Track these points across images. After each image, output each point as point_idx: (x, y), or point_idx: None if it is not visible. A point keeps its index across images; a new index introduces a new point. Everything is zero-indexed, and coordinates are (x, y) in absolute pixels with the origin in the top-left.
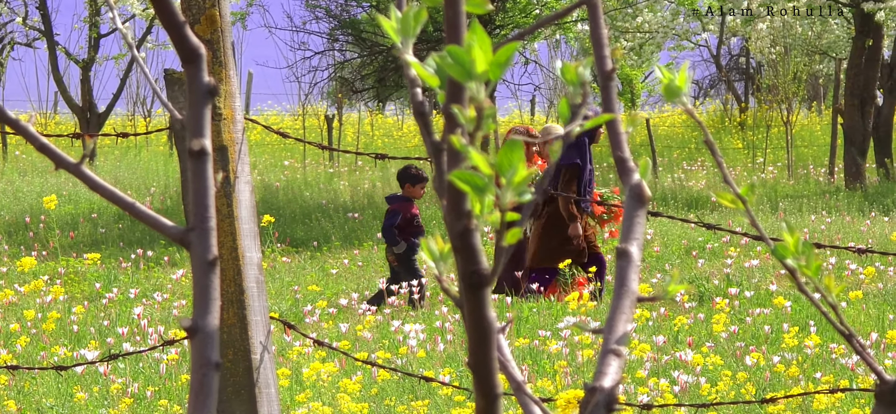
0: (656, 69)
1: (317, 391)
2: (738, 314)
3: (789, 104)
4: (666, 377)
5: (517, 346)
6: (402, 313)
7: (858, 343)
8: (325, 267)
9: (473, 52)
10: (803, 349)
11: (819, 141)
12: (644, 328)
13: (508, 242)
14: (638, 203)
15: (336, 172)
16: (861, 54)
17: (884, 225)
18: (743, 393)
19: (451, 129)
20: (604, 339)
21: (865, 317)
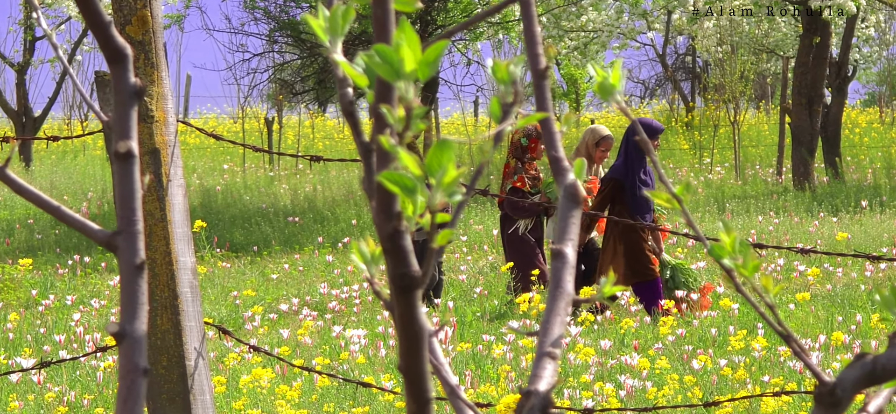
0: (590, 67)
1: (255, 398)
2: (685, 317)
3: (736, 103)
4: (612, 382)
5: (460, 350)
6: (344, 318)
7: (797, 345)
8: (266, 272)
9: (402, 51)
10: (751, 352)
11: (767, 141)
12: (589, 332)
13: (439, 243)
14: (573, 203)
15: (276, 176)
16: (809, 52)
17: (832, 225)
18: (689, 397)
19: (380, 129)
20: (539, 341)
21: (814, 319)
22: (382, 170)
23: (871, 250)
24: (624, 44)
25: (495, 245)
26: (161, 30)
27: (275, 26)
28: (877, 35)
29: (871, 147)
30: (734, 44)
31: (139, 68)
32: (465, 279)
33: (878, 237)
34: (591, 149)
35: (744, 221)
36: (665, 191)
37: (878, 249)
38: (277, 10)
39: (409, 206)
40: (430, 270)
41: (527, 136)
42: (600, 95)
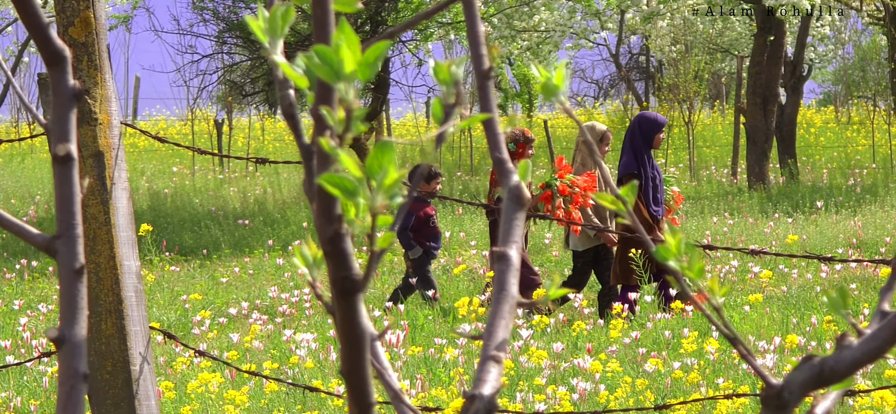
0: (534, 67)
1: (203, 403)
2: (639, 319)
3: (691, 103)
4: (565, 385)
5: (411, 354)
6: (295, 322)
7: (743, 347)
8: (215, 276)
9: (342, 51)
10: (704, 355)
11: (721, 141)
12: (542, 335)
13: (380, 246)
14: (517, 205)
15: (226, 179)
16: (763, 51)
17: (787, 226)
18: (642, 400)
19: (320, 131)
20: (483, 345)
21: (769, 321)
22: (323, 172)
23: (827, 251)
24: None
25: (448, 247)
26: (104, 31)
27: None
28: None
29: (826, 147)
30: (688, 43)
31: (82, 70)
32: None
33: (833, 238)
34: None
35: (698, 222)
36: (610, 192)
37: (834, 250)
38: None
39: (351, 208)
40: (372, 274)
41: (513, 141)
42: (544, 96)
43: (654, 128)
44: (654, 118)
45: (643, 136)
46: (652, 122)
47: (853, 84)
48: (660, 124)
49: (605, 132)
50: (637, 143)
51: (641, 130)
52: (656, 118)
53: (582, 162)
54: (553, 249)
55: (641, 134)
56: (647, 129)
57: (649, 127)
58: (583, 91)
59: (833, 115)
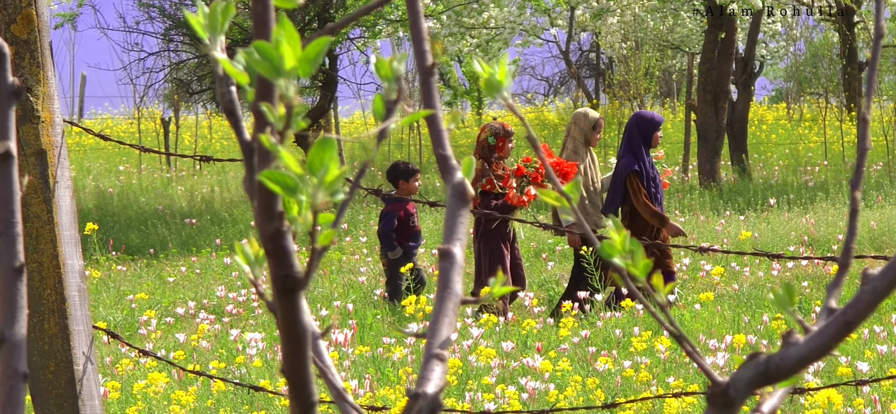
0: (476, 63)
1: (149, 403)
2: (589, 318)
3: (641, 101)
4: (514, 384)
5: (359, 353)
6: (242, 322)
7: (689, 345)
8: (162, 275)
9: (282, 47)
10: (656, 353)
11: (672, 138)
12: (492, 333)
13: (321, 243)
14: (461, 202)
15: (173, 177)
16: (714, 48)
17: (739, 224)
18: (592, 399)
19: (261, 128)
20: (427, 343)
21: (720, 319)
22: (263, 169)
23: (779, 249)
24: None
25: None
26: (47, 29)
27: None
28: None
29: (778, 144)
30: (639, 40)
31: (24, 68)
32: (366, 282)
33: (785, 235)
34: (588, 134)
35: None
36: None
37: (785, 247)
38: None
39: (293, 206)
40: (313, 272)
41: (494, 135)
42: (487, 92)
43: (651, 127)
44: (652, 117)
45: (641, 135)
46: (649, 122)
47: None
48: (657, 123)
49: (597, 120)
50: (635, 143)
51: (639, 130)
52: (653, 117)
53: (574, 149)
54: None
55: (639, 133)
56: (645, 128)
57: (647, 126)
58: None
59: (785, 112)
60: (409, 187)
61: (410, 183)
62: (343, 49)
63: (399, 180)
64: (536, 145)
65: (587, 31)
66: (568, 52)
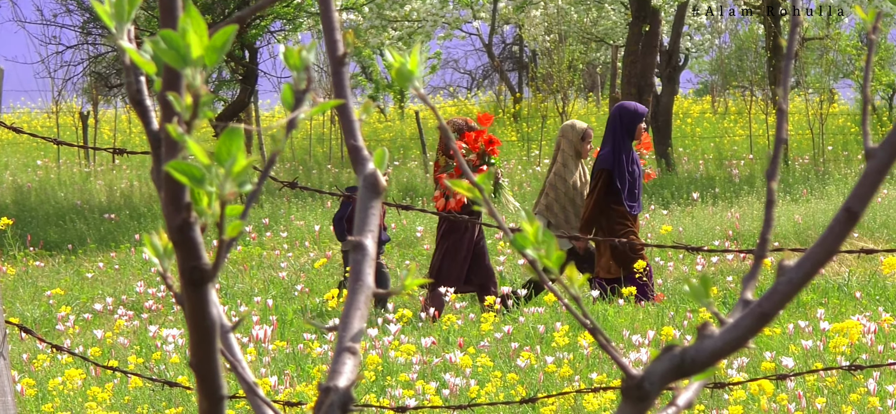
0: (387, 53)
1: (65, 401)
2: (512, 313)
3: (565, 94)
4: (436, 380)
5: (279, 349)
6: (161, 318)
7: (603, 337)
8: (81, 271)
9: (188, 36)
10: (579, 349)
11: (597, 132)
12: (413, 330)
13: (229, 235)
14: (372, 194)
15: (92, 172)
16: (638, 41)
17: (662, 218)
18: (512, 394)
19: (168, 117)
20: (339, 336)
21: (644, 314)
22: (171, 160)
23: (703, 243)
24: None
25: (318, 241)
26: None
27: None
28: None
29: (703, 138)
30: (562, 33)
31: None
32: (286, 277)
33: (710, 230)
34: (577, 145)
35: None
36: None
37: (710, 241)
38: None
39: (203, 197)
40: (221, 263)
41: (458, 131)
42: (398, 82)
43: (635, 119)
44: (635, 108)
45: (624, 127)
46: (633, 113)
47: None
48: (641, 114)
49: (585, 130)
50: (618, 135)
51: (622, 122)
52: (637, 108)
53: (563, 163)
54: (424, 242)
55: (622, 125)
56: (629, 120)
57: (631, 118)
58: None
59: (710, 105)
60: None
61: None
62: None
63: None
64: (447, 133)
65: (510, 24)
66: (491, 45)
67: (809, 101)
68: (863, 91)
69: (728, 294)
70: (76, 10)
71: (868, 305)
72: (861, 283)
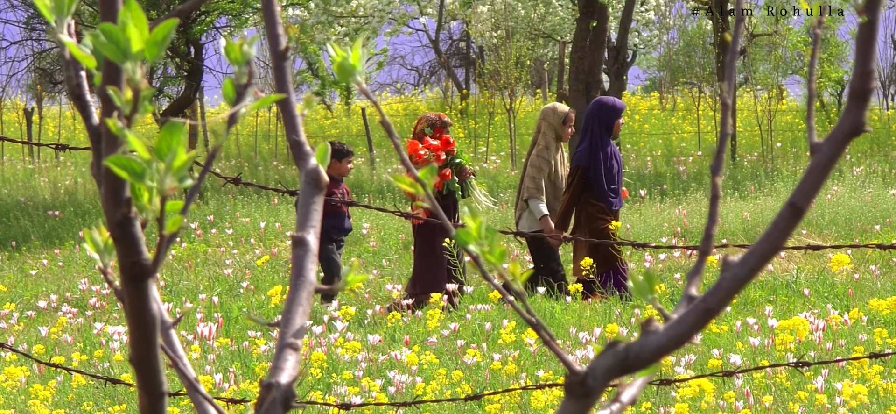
0: (329, 47)
1: (8, 398)
2: (458, 311)
3: (512, 90)
4: (381, 377)
5: (224, 346)
6: (106, 315)
7: (546, 333)
8: (25, 268)
9: (128, 30)
10: (525, 346)
11: None
12: (359, 327)
13: (170, 230)
14: (315, 189)
15: (36, 169)
16: (586, 36)
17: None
18: (458, 392)
19: (108, 112)
20: (280, 332)
21: (591, 311)
22: (111, 154)
23: (651, 240)
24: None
25: (263, 238)
26: None
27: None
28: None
29: (651, 134)
30: (509, 29)
31: None
32: (231, 274)
33: (657, 227)
34: (558, 129)
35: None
36: (409, 175)
37: (658, 238)
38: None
39: (144, 192)
40: (162, 258)
41: (431, 125)
42: (340, 77)
43: (613, 114)
44: (613, 104)
45: (602, 123)
46: (611, 109)
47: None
48: (619, 110)
49: (567, 113)
50: (595, 131)
51: (600, 117)
52: (615, 103)
53: (545, 145)
54: (370, 238)
55: (600, 121)
56: (607, 116)
57: (608, 114)
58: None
59: (658, 101)
60: (339, 168)
61: (341, 164)
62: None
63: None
64: (390, 131)
65: (457, 20)
66: (438, 41)
67: (758, 98)
68: (808, 86)
69: (675, 291)
70: (20, 6)
71: (816, 302)
72: (809, 280)
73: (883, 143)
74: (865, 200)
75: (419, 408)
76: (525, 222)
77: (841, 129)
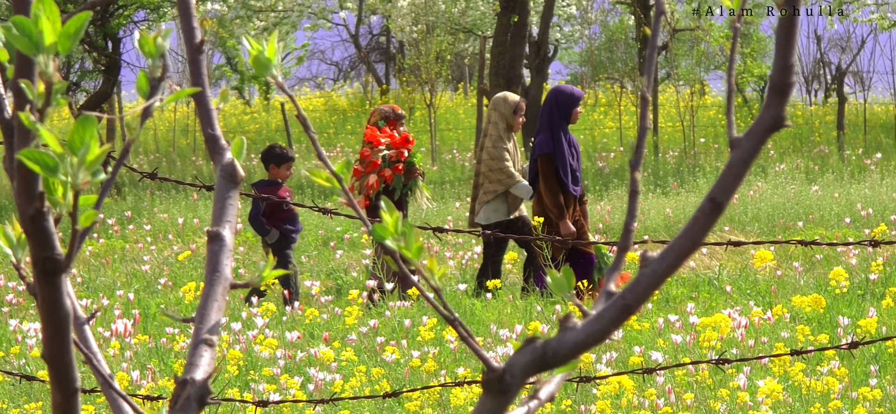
0: (244, 40)
1: None
2: (378, 308)
3: (433, 85)
4: (301, 375)
5: (141, 342)
6: (22, 311)
7: (463, 329)
8: None
9: (41, 23)
10: (445, 343)
11: (464, 124)
12: (278, 323)
13: (83, 224)
14: (230, 184)
15: None
16: (506, 31)
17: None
18: (377, 389)
19: (20, 105)
20: (195, 328)
21: (512, 308)
22: (23, 148)
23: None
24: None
25: (181, 234)
26: None
27: None
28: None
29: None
30: (430, 23)
31: None
32: (149, 270)
33: None
34: (509, 119)
35: (439, 206)
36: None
37: None
38: None
39: (58, 187)
40: (75, 253)
41: (384, 118)
42: (256, 71)
43: (571, 103)
44: (571, 92)
45: (560, 111)
46: (569, 97)
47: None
48: (577, 98)
49: (517, 103)
50: (554, 120)
51: (558, 106)
52: (573, 92)
53: (499, 135)
54: None
55: (558, 109)
56: (565, 104)
57: (566, 102)
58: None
59: None
60: (279, 173)
61: (281, 169)
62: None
63: (271, 164)
64: (307, 125)
65: (377, 15)
66: (358, 35)
67: (680, 94)
68: (728, 80)
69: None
70: None
71: (739, 299)
72: (732, 277)
73: (806, 140)
74: (788, 197)
75: (338, 405)
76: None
77: (761, 123)
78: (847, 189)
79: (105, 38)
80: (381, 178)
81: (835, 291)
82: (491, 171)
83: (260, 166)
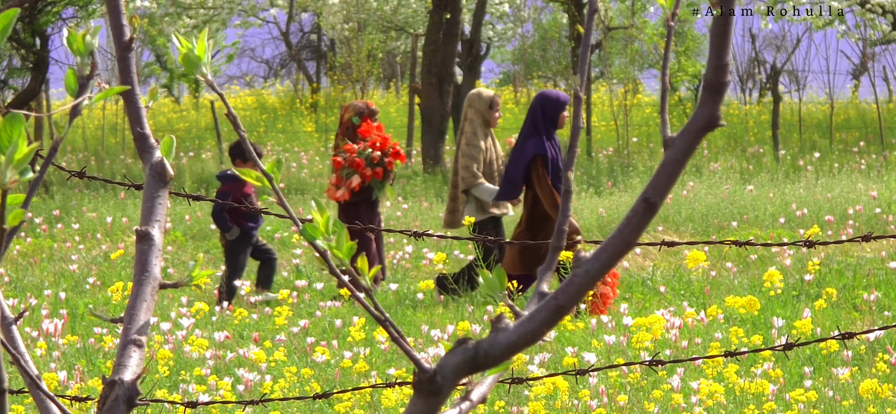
0: (173, 38)
1: None
2: (308, 308)
3: (364, 84)
4: (230, 375)
5: (70, 342)
6: None
7: (394, 330)
8: None
9: None
10: (376, 343)
11: (396, 122)
12: (207, 323)
13: (11, 224)
14: (159, 183)
15: None
16: (439, 29)
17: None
18: (307, 390)
19: None
20: (124, 328)
21: (443, 309)
22: None
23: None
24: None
25: (110, 233)
26: None
27: None
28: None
29: (505, 129)
30: (361, 21)
31: None
32: (78, 269)
33: (513, 222)
34: (485, 114)
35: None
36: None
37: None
38: None
39: None
40: (3, 251)
41: (358, 114)
42: (185, 69)
43: (557, 107)
44: (557, 97)
45: (546, 116)
46: (555, 102)
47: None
48: (563, 103)
49: (492, 98)
50: (539, 125)
51: (544, 111)
52: (559, 96)
53: (473, 132)
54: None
55: (545, 114)
56: (551, 109)
57: (553, 107)
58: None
59: (512, 95)
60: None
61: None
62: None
63: (237, 159)
64: (236, 123)
65: (308, 12)
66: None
67: (614, 93)
68: (662, 79)
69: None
70: None
71: (672, 299)
72: (665, 277)
73: (740, 139)
74: (722, 197)
75: (267, 407)
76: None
77: (695, 122)
78: (782, 189)
79: (33, 35)
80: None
81: (769, 292)
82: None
83: (189, 166)
